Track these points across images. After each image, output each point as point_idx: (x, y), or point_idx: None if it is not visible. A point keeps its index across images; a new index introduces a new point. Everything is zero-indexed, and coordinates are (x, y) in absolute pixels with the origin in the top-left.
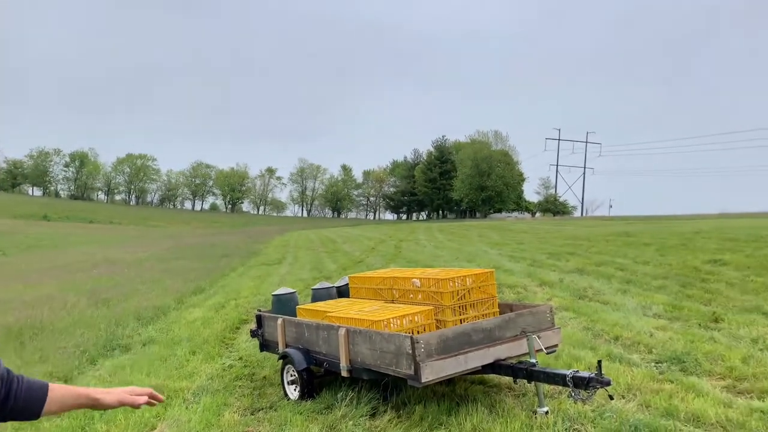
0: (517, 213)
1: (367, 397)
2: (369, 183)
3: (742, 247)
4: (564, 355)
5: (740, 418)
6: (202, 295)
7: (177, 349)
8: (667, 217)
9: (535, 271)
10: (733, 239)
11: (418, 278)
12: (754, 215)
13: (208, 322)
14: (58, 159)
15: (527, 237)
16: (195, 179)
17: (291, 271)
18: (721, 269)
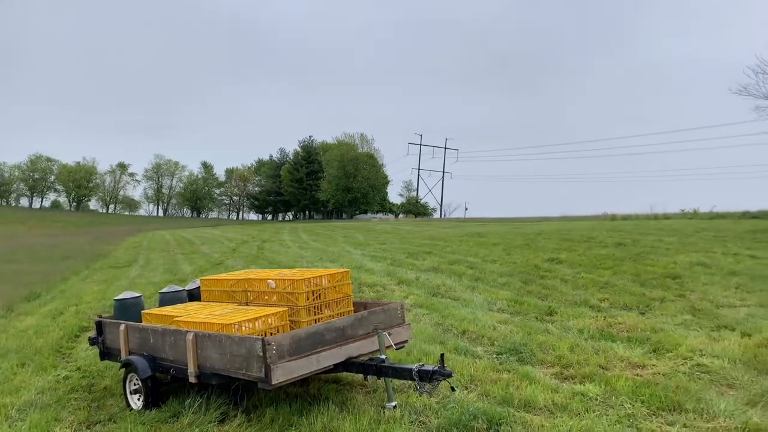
0: (382, 214)
1: (216, 402)
2: (232, 182)
3: (576, 247)
4: (415, 351)
5: (564, 401)
6: (36, 302)
7: (2, 362)
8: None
9: (395, 270)
10: (569, 240)
11: (274, 279)
12: (589, 218)
13: (42, 331)
14: None
15: (390, 237)
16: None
17: (142, 274)
18: (558, 267)
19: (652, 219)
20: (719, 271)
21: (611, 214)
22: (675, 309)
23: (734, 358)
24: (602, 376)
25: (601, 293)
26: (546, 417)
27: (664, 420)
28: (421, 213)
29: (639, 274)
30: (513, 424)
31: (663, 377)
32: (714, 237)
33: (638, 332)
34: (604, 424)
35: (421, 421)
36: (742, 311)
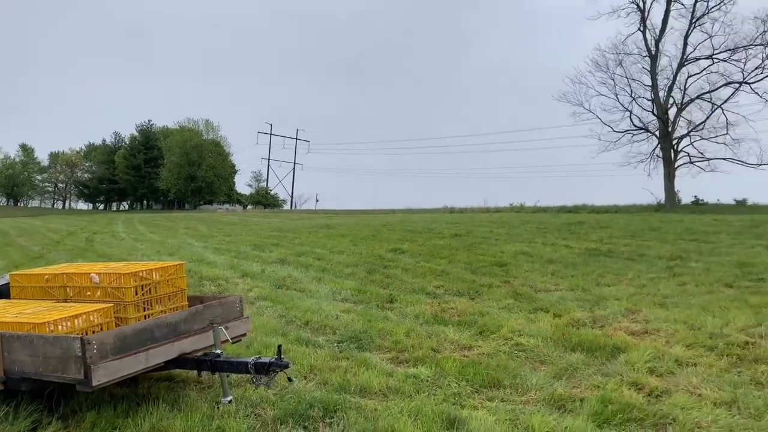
0: (229, 205)
1: (27, 410)
2: (57, 167)
3: (417, 238)
4: (255, 344)
5: (398, 384)
6: None
7: None
8: (364, 211)
9: (239, 263)
10: (411, 231)
11: (98, 273)
12: (430, 211)
13: None
14: None
15: (236, 229)
16: None
17: None
18: (400, 257)
19: (485, 212)
20: (539, 259)
21: (450, 208)
22: (500, 294)
23: (547, 336)
24: (433, 358)
25: (437, 281)
26: (380, 400)
27: (485, 396)
28: (270, 204)
29: (471, 262)
30: (348, 410)
31: (486, 357)
32: (536, 229)
33: (468, 316)
34: (432, 404)
35: (257, 414)
36: (555, 295)
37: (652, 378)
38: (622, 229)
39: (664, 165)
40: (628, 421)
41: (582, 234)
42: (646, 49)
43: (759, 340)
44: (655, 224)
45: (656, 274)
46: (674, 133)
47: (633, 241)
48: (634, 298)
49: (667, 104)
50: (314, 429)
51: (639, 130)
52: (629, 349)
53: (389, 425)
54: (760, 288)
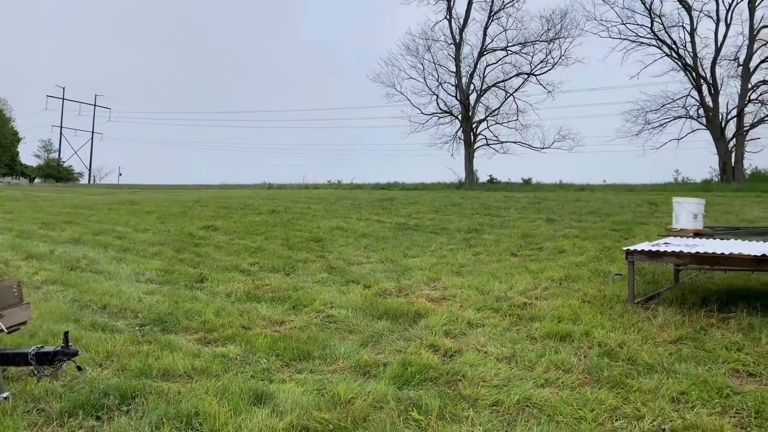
0: (10, 178)
1: None
2: None
3: (233, 215)
4: (41, 332)
5: (205, 365)
6: None
7: None
8: (174, 186)
9: (23, 244)
10: (226, 207)
11: None
12: (248, 187)
13: None
14: None
15: (20, 205)
16: None
17: None
18: (213, 234)
19: (303, 188)
20: (353, 234)
21: (268, 184)
22: (315, 268)
23: (356, 307)
24: (244, 336)
25: (252, 258)
26: (184, 383)
27: (295, 369)
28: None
29: (288, 238)
30: (148, 395)
31: (298, 330)
32: (352, 205)
33: (282, 292)
34: (239, 381)
35: (40, 409)
36: (366, 267)
37: (447, 339)
38: (428, 205)
39: (465, 146)
40: (425, 381)
41: (393, 210)
42: (452, 37)
43: (535, 301)
44: (456, 200)
45: (455, 246)
46: (474, 118)
47: (437, 215)
48: (435, 267)
49: (469, 90)
50: (109, 419)
51: (444, 113)
52: (428, 315)
53: (193, 406)
54: (538, 256)
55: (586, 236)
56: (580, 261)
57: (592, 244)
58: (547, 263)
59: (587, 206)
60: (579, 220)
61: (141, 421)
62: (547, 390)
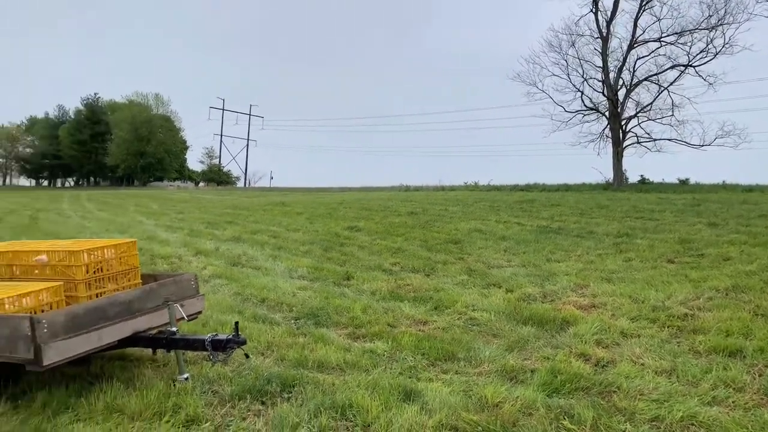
0: (180, 182)
1: None
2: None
3: (374, 216)
4: (211, 322)
5: (355, 359)
6: None
7: None
8: (319, 189)
9: (192, 241)
10: (367, 209)
11: (46, 251)
12: (385, 189)
13: None
14: None
15: (188, 207)
16: None
17: None
18: (356, 235)
19: (440, 190)
20: (492, 236)
21: (406, 186)
22: (455, 270)
23: (499, 311)
24: (390, 333)
25: (394, 258)
26: (337, 375)
27: (440, 369)
28: (223, 181)
29: (427, 240)
30: (305, 385)
31: (442, 331)
32: (490, 207)
33: (423, 292)
34: (388, 377)
35: (214, 391)
36: (508, 271)
37: (599, 349)
38: (571, 207)
39: (612, 145)
40: (576, 390)
41: (534, 212)
42: (598, 31)
43: (697, 312)
44: (604, 202)
45: (603, 251)
46: (623, 114)
47: (582, 218)
48: (582, 273)
49: (617, 85)
50: (272, 404)
51: (590, 110)
52: (577, 322)
53: (347, 398)
54: (699, 263)
55: (757, 242)
56: (750, 270)
57: (764, 252)
58: (710, 271)
59: (757, 209)
60: (747, 225)
61: (301, 409)
62: (715, 409)
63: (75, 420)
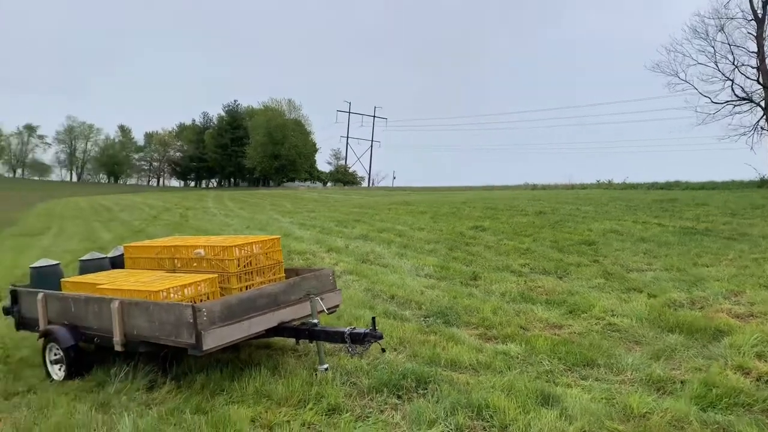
0: (310, 182)
1: (144, 370)
2: (152, 146)
3: (499, 215)
4: (346, 315)
5: (488, 360)
6: None
7: None
8: (442, 188)
9: (324, 238)
10: (492, 208)
11: (202, 246)
12: (510, 188)
13: None
14: None
15: (318, 206)
16: None
17: (56, 242)
18: (482, 234)
19: (569, 189)
20: (630, 237)
21: (532, 185)
22: (590, 273)
23: (641, 317)
24: (523, 336)
25: (522, 259)
26: (471, 375)
27: (579, 375)
28: (349, 182)
29: (557, 240)
30: (440, 383)
31: (578, 336)
32: (626, 206)
33: (556, 295)
34: (524, 380)
35: (353, 382)
36: (649, 275)
37: (760, 363)
38: (720, 207)
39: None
40: (734, 406)
41: (676, 212)
42: (752, 12)
43: None
44: (759, 201)
45: (761, 255)
46: None
47: (733, 219)
48: (736, 279)
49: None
50: (408, 399)
51: (742, 100)
52: (733, 332)
53: (483, 399)
54: None
55: None
56: None
57: None
58: None
59: None
60: None
61: (437, 406)
62: None
63: (229, 402)
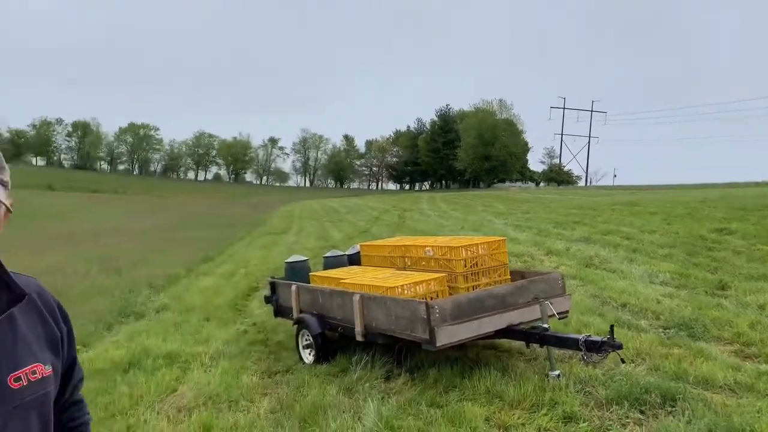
0: (521, 183)
1: (381, 360)
2: (371, 153)
3: (749, 216)
4: (573, 321)
5: (749, 381)
6: (211, 264)
7: (190, 315)
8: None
9: (542, 240)
10: (740, 208)
11: (431, 246)
12: (761, 185)
13: (219, 290)
14: (60, 129)
15: (532, 206)
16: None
17: (297, 240)
18: (728, 238)
19: None
20: None
21: None
22: None
23: None
24: None
25: None
26: (727, 396)
27: None
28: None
29: None
30: (691, 401)
31: None
32: None
33: None
34: None
35: (587, 392)
36: None
37: None
38: None
39: None
40: None
41: None
42: None
43: None
44: None
45: None
46: None
47: None
48: None
49: None
50: (653, 415)
51: None
52: None
53: (747, 424)
54: None
55: None
56: None
57: None
58: None
59: None
60: None
61: (688, 426)
62: None
63: (462, 398)
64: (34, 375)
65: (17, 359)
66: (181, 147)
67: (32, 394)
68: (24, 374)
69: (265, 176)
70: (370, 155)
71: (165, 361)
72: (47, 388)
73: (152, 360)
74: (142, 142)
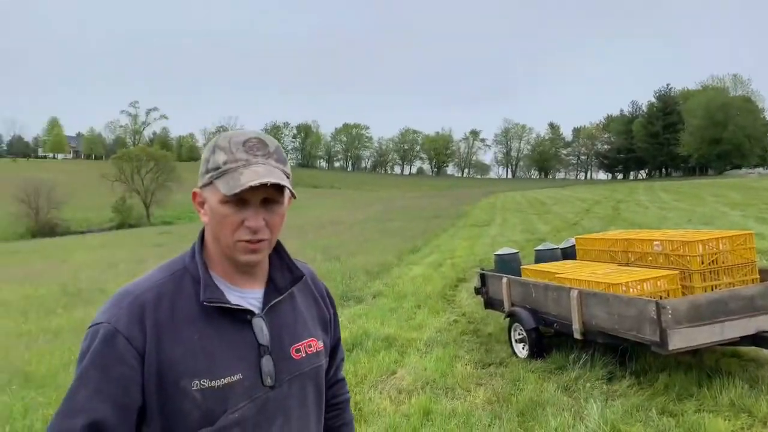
0: (761, 169)
1: (601, 361)
2: (579, 141)
3: None
4: None
5: None
6: (419, 254)
7: (404, 302)
8: None
9: None
10: None
11: (659, 240)
12: None
13: (428, 279)
14: (287, 131)
15: None
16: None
17: (501, 232)
18: None
19: None
20: None
21: None
22: None
23: None
24: None
25: None
26: None
27: None
28: None
29: None
30: None
31: None
32: None
33: None
34: None
35: None
36: None
37: None
38: None
39: None
40: None
41: None
42: None
43: None
44: None
45: None
46: None
47: None
48: None
49: None
50: None
51: None
52: None
53: None
54: None
55: None
56: None
57: None
58: None
59: None
60: None
61: None
62: None
63: (700, 409)
64: (310, 348)
65: (297, 333)
66: (388, 144)
67: (310, 365)
68: (303, 346)
69: (466, 169)
70: (578, 143)
71: (383, 344)
72: (321, 361)
73: (372, 342)
74: (354, 140)
